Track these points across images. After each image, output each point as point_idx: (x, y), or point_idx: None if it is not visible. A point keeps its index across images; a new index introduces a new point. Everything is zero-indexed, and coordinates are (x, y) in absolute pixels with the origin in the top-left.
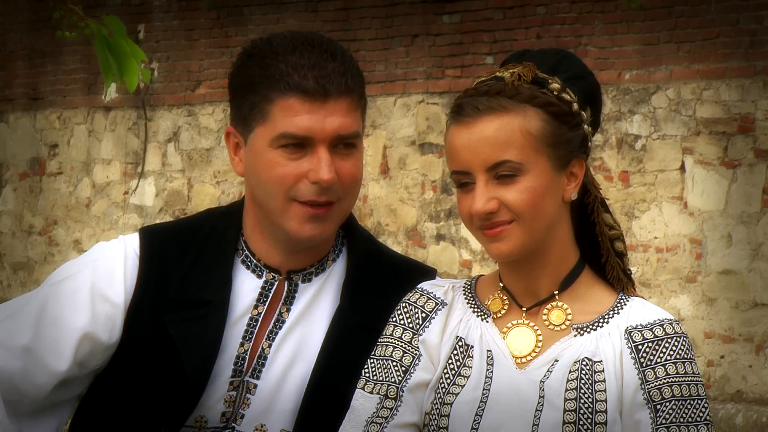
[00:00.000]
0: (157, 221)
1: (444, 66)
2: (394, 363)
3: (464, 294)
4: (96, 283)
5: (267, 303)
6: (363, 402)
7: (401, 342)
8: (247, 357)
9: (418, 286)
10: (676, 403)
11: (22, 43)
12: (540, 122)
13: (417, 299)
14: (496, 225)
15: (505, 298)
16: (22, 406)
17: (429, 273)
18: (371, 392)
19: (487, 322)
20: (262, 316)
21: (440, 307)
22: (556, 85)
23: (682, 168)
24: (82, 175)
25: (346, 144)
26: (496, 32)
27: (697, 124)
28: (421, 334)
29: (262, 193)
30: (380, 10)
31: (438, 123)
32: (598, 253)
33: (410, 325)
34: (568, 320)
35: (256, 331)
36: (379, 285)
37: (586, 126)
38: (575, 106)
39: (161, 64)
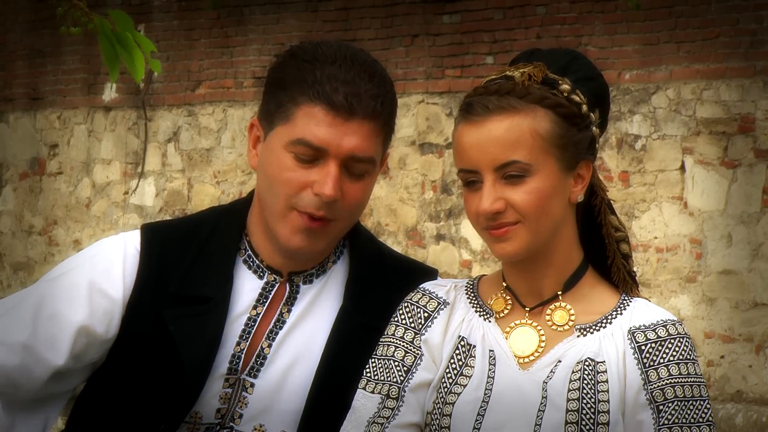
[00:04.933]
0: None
1: (444, 66)
2: (396, 363)
3: (467, 294)
4: (94, 278)
5: (267, 304)
6: (364, 402)
7: (403, 342)
8: (243, 355)
9: (420, 285)
10: (679, 403)
11: (22, 43)
12: (549, 123)
13: (419, 299)
14: (501, 225)
15: (508, 297)
16: (16, 399)
17: (431, 273)
18: (372, 392)
19: (490, 322)
20: (260, 316)
21: (442, 306)
22: (566, 87)
23: (682, 168)
24: (82, 175)
25: (359, 167)
26: (496, 32)
27: (697, 124)
28: (423, 334)
29: (266, 191)
30: (380, 10)
31: (438, 123)
32: (602, 254)
33: (412, 325)
34: (572, 321)
35: (253, 331)
36: (382, 285)
37: (594, 128)
38: (584, 107)
39: (161, 64)
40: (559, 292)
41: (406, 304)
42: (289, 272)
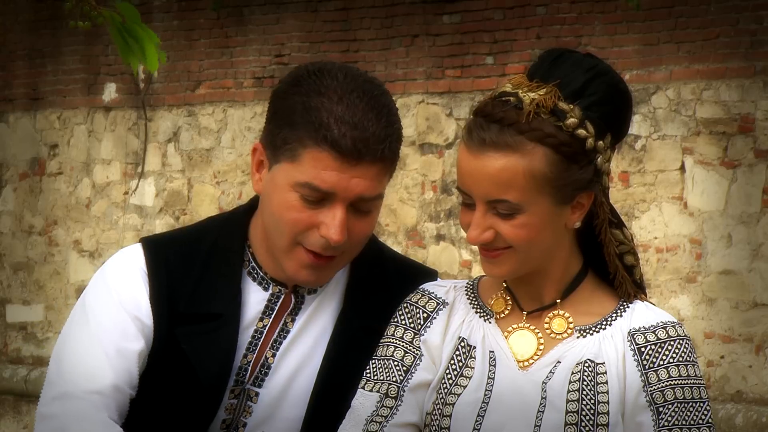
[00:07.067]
0: (157, 222)
1: (444, 66)
2: (396, 363)
3: (467, 294)
4: (127, 306)
5: (273, 315)
6: (363, 401)
7: (403, 342)
8: (250, 367)
9: (420, 286)
10: (679, 405)
11: (22, 43)
12: (546, 165)
13: (418, 299)
14: (493, 249)
15: (509, 298)
16: None
17: (430, 275)
18: (371, 390)
19: (490, 323)
20: (267, 328)
21: (442, 307)
22: (573, 120)
23: (682, 168)
24: (82, 175)
25: (366, 205)
26: (496, 32)
27: (697, 124)
28: (423, 334)
29: (271, 225)
30: (380, 10)
31: (438, 123)
32: (606, 261)
33: (412, 326)
34: (570, 329)
35: (260, 342)
36: (382, 287)
37: (601, 157)
38: (590, 142)
39: (161, 64)
40: (558, 300)
41: (405, 305)
42: (294, 284)
